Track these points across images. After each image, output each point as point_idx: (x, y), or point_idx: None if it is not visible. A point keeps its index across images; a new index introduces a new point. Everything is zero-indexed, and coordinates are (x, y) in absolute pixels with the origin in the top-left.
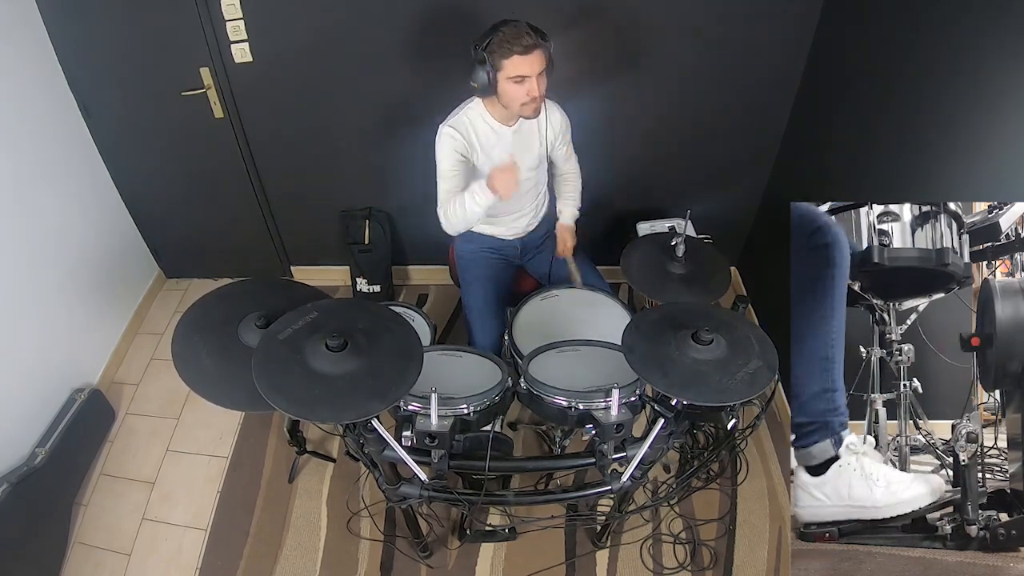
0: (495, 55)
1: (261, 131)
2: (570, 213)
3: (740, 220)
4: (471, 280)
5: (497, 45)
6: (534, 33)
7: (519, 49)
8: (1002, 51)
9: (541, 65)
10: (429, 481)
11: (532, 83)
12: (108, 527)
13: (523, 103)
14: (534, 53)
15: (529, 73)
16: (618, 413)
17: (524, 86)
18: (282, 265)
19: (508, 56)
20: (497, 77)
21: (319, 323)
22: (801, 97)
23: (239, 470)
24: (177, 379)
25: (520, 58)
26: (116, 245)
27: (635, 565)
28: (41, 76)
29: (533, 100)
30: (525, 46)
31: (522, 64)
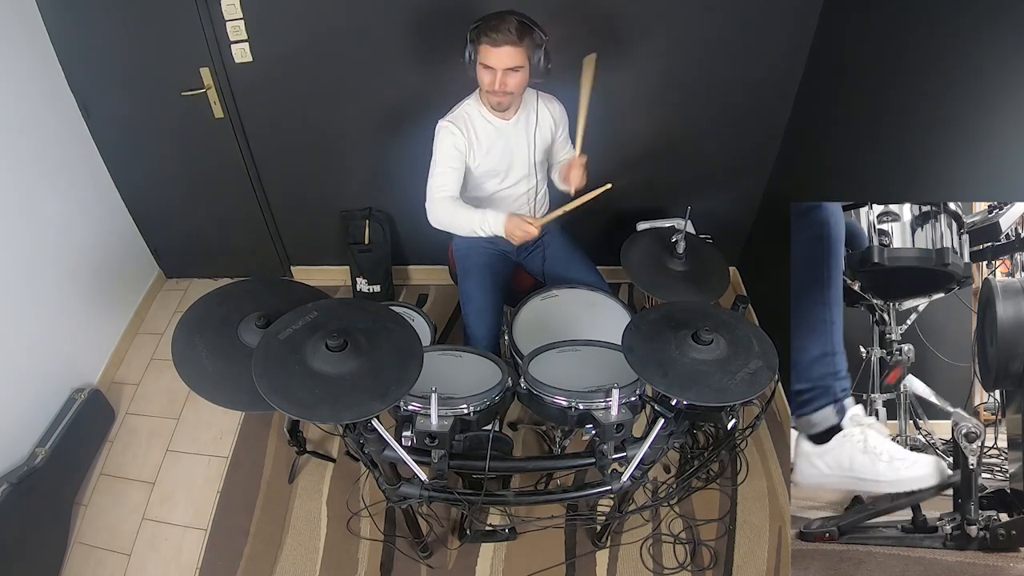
0: (475, 39)
1: (261, 131)
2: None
3: (740, 220)
4: (468, 273)
5: (480, 30)
6: (518, 30)
7: (488, 40)
8: (1002, 51)
9: (512, 62)
10: (429, 481)
11: (495, 75)
12: (108, 527)
13: (488, 91)
14: (503, 48)
15: (495, 65)
16: (618, 413)
17: (494, 76)
18: (282, 265)
19: (480, 43)
20: (475, 59)
21: (319, 323)
22: (801, 97)
23: (239, 470)
24: (177, 379)
25: (487, 48)
26: (116, 245)
27: (635, 565)
28: (41, 76)
29: (501, 93)
30: (494, 39)
31: (488, 54)
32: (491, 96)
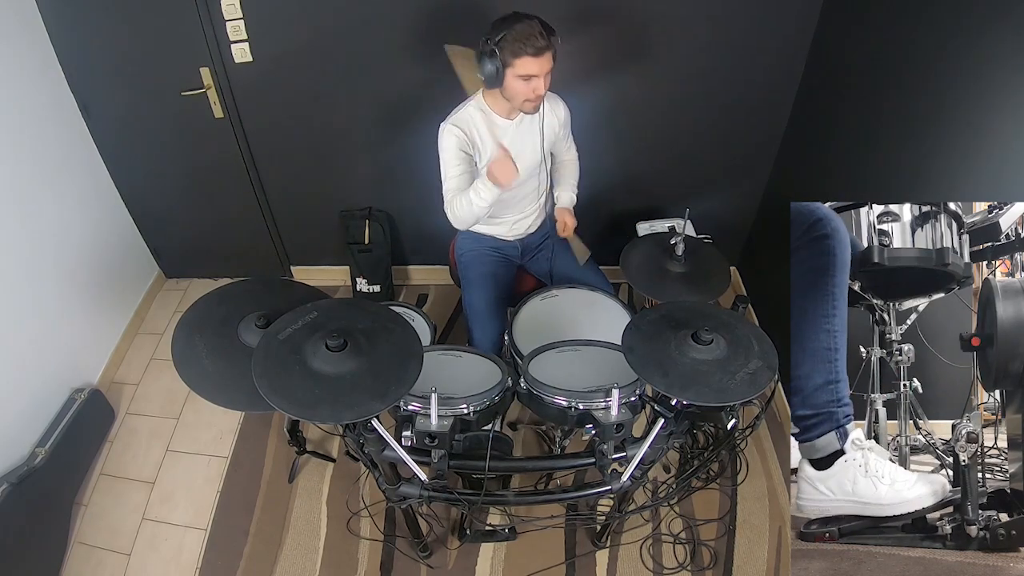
0: (506, 51)
1: (261, 131)
2: (568, 198)
3: (740, 220)
4: (472, 278)
5: (509, 42)
6: (545, 33)
7: (532, 51)
8: (1002, 51)
9: (550, 65)
10: (429, 481)
11: (539, 82)
12: (108, 527)
13: (526, 99)
14: (545, 55)
15: (538, 73)
16: (618, 413)
17: (531, 84)
18: (282, 265)
19: (520, 56)
20: (505, 72)
21: (319, 323)
22: (801, 97)
23: (239, 470)
24: (177, 379)
25: (529, 59)
26: (116, 245)
27: (635, 565)
28: (41, 76)
29: (537, 98)
30: (537, 48)
31: (532, 65)
32: (529, 103)
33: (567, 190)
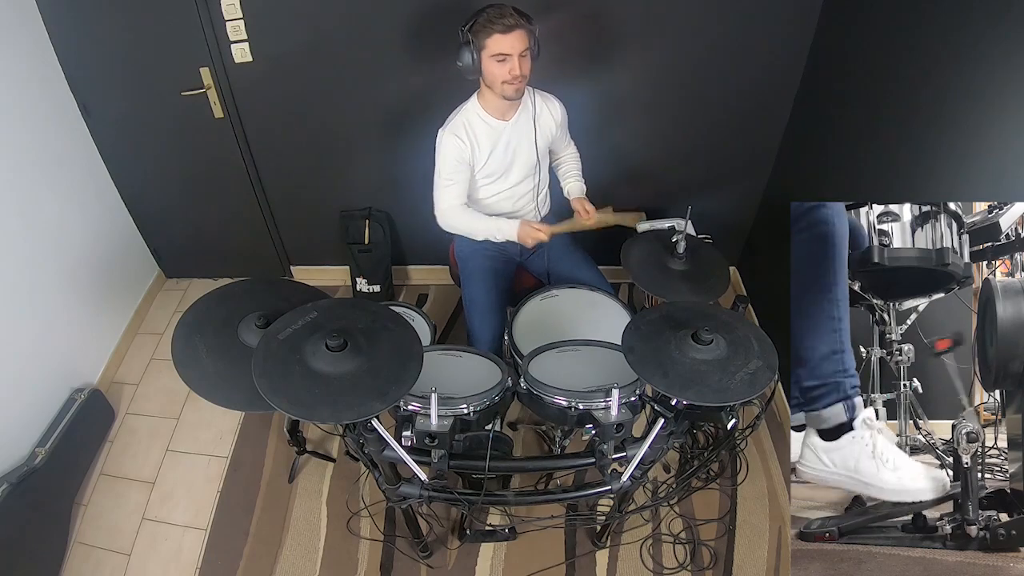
0: (479, 35)
1: (261, 131)
2: (578, 188)
3: (740, 220)
4: (472, 276)
5: (480, 25)
6: (517, 14)
7: (500, 28)
8: (1002, 51)
9: (523, 44)
10: (429, 481)
11: (514, 62)
12: (108, 527)
13: (505, 81)
14: (515, 32)
15: (510, 51)
16: (618, 413)
17: (506, 65)
18: (282, 265)
19: (490, 35)
20: (481, 56)
21: (319, 323)
22: (801, 97)
23: (239, 470)
24: (177, 379)
25: (501, 36)
26: (116, 245)
27: (635, 565)
28: (41, 76)
29: (515, 79)
30: (506, 25)
31: (503, 42)
32: (508, 87)
33: (573, 180)
